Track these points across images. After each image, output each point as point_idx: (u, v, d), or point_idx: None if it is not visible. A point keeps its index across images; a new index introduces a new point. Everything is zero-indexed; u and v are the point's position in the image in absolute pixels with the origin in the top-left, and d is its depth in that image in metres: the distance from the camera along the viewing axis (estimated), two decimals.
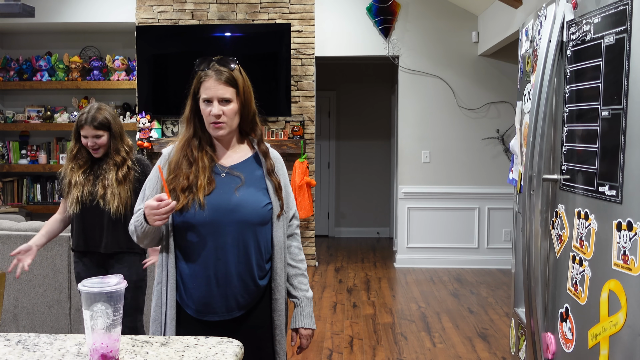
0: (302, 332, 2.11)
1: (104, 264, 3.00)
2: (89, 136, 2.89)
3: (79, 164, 2.95)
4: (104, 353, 1.49)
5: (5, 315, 3.85)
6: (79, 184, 2.91)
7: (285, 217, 2.08)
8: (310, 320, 2.11)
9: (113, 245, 2.96)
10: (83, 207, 2.92)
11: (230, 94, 1.93)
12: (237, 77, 1.95)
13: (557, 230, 2.00)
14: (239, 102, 1.96)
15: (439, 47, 6.56)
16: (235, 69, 1.95)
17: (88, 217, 2.95)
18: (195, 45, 6.28)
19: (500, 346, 4.18)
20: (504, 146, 6.54)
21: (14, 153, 6.84)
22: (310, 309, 2.12)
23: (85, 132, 2.88)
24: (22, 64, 6.74)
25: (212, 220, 1.93)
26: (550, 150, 2.07)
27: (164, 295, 1.99)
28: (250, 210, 1.96)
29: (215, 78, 1.92)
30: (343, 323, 4.69)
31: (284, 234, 2.08)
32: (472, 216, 6.63)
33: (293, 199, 2.16)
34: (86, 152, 2.95)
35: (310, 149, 6.40)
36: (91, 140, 2.89)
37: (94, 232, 2.95)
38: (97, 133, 2.88)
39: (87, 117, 2.88)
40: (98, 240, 2.96)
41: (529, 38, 2.36)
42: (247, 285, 1.98)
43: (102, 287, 1.49)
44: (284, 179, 2.10)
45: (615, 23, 1.64)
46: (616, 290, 1.61)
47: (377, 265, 6.78)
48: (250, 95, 1.99)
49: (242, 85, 1.95)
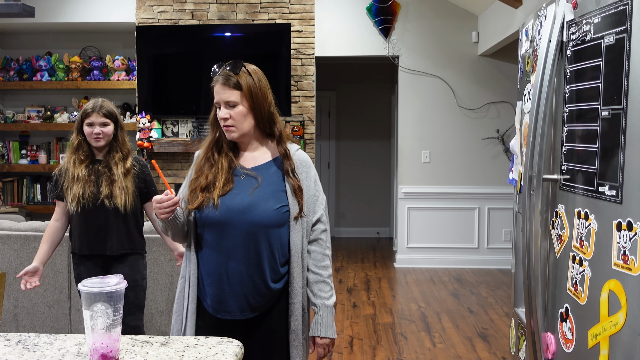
0: (319, 341, 2.06)
1: (106, 265, 2.96)
2: (95, 124, 2.85)
3: (80, 158, 2.90)
4: (104, 353, 1.49)
5: (5, 315, 3.85)
6: (81, 179, 2.85)
7: (306, 220, 2.05)
8: (328, 330, 2.04)
9: (118, 247, 2.93)
10: (84, 207, 2.86)
11: (235, 97, 1.96)
12: (243, 80, 1.97)
13: (557, 230, 2.00)
14: (248, 105, 1.98)
15: (439, 47, 6.56)
16: (240, 72, 1.97)
17: (91, 219, 2.89)
18: (195, 45, 6.27)
19: (500, 346, 4.18)
20: (504, 146, 6.54)
21: (14, 153, 6.84)
22: (329, 317, 2.05)
23: (92, 119, 2.85)
24: (22, 64, 6.74)
25: (223, 220, 1.98)
26: (550, 150, 2.07)
27: (186, 289, 2.05)
28: (262, 211, 1.98)
29: (220, 83, 1.98)
30: (343, 323, 4.69)
31: (303, 237, 2.05)
32: (472, 216, 6.63)
33: (321, 203, 2.09)
34: (87, 146, 2.91)
35: (310, 149, 6.40)
36: (98, 128, 2.85)
37: (99, 234, 2.90)
38: (104, 120, 2.86)
39: (95, 106, 2.87)
40: (102, 243, 2.91)
41: (529, 38, 2.36)
42: (258, 286, 2.00)
43: (102, 287, 1.49)
44: (308, 182, 2.06)
45: (615, 23, 1.64)
46: (616, 290, 1.61)
47: (377, 265, 6.78)
48: (261, 96, 2.00)
49: (247, 87, 1.97)
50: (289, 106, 6.21)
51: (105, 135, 2.88)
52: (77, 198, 2.85)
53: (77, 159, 2.89)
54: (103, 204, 2.86)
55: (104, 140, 2.88)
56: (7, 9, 4.42)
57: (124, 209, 2.88)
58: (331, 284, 2.07)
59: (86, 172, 2.87)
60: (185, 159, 6.38)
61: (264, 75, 2.04)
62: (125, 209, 2.88)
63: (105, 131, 2.88)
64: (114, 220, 2.90)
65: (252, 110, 1.99)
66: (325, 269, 2.07)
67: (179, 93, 6.27)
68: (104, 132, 2.87)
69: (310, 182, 2.07)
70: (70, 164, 2.90)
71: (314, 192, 2.08)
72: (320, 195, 2.10)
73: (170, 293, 3.77)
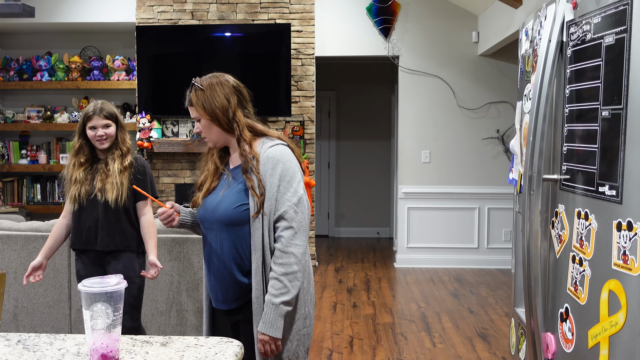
0: (259, 336, 2.04)
1: (101, 262, 3.02)
2: (98, 126, 2.93)
3: (80, 161, 2.98)
4: (104, 353, 1.49)
5: (5, 315, 3.85)
6: (78, 182, 2.95)
7: (267, 218, 2.05)
8: (269, 327, 2.01)
9: (108, 242, 2.97)
10: (80, 205, 2.97)
11: (195, 113, 2.14)
12: (194, 97, 2.12)
13: (557, 230, 2.00)
14: (207, 117, 2.11)
15: (439, 47, 6.56)
16: (193, 90, 2.13)
17: (85, 214, 2.98)
18: (195, 45, 6.28)
19: (500, 346, 4.18)
20: (504, 146, 6.55)
21: (14, 153, 6.84)
22: (274, 315, 2.01)
23: (94, 122, 2.93)
24: (22, 64, 6.74)
25: (202, 218, 2.19)
26: (550, 150, 2.07)
27: (204, 283, 2.29)
28: (223, 210, 2.11)
29: (186, 103, 2.18)
30: (343, 323, 4.69)
31: (265, 235, 2.05)
32: (472, 216, 6.63)
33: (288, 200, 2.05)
34: (89, 148, 2.99)
35: (310, 149, 6.40)
36: (101, 130, 2.93)
37: (89, 228, 2.98)
38: (106, 122, 2.95)
39: (95, 109, 2.95)
40: (93, 237, 2.98)
41: (529, 38, 2.36)
42: (226, 280, 2.14)
43: (102, 287, 1.49)
44: (272, 179, 2.05)
45: (615, 23, 1.64)
46: (616, 290, 1.61)
47: (377, 265, 6.78)
48: (217, 106, 2.10)
49: (199, 102, 2.11)
50: (289, 106, 6.21)
51: (109, 136, 2.96)
52: (73, 198, 2.97)
53: (77, 162, 2.98)
54: (96, 197, 2.94)
55: (107, 142, 2.96)
56: (7, 9, 4.41)
57: (114, 203, 2.92)
58: (285, 282, 2.02)
59: (84, 174, 2.97)
60: (185, 159, 6.38)
61: (223, 84, 2.12)
62: (116, 203, 2.92)
63: (108, 132, 2.95)
64: (104, 214, 2.95)
65: (213, 121, 2.11)
66: (280, 266, 2.03)
67: (179, 93, 6.18)
68: (107, 134, 2.95)
69: (274, 179, 2.05)
70: (70, 167, 3.00)
71: (277, 189, 2.05)
72: (289, 192, 2.05)
73: (170, 293, 3.77)
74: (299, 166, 2.14)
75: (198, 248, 3.76)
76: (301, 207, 2.06)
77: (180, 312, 3.80)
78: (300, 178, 2.11)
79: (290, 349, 2.11)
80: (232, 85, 2.13)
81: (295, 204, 2.05)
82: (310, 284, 2.17)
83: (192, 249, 3.77)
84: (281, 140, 2.15)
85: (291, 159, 2.10)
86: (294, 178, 2.07)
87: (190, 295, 3.80)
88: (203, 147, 2.30)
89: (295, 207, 2.05)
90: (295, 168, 2.09)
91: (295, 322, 2.11)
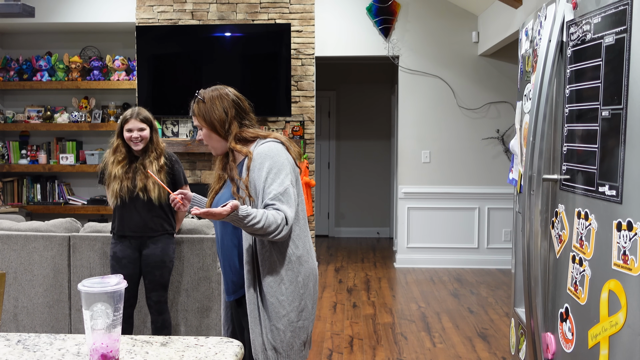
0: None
1: (140, 246, 3.42)
2: (134, 129, 3.31)
3: (118, 159, 3.35)
4: (104, 353, 1.49)
5: (5, 315, 3.85)
6: (117, 177, 3.32)
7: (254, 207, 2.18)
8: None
9: (150, 229, 3.38)
10: (123, 200, 3.34)
11: (197, 122, 2.31)
12: (195, 108, 2.29)
13: (557, 230, 2.00)
14: (207, 126, 2.27)
15: (439, 47, 6.56)
16: (195, 102, 2.29)
17: (129, 209, 3.36)
18: (195, 46, 6.27)
19: (500, 346, 4.18)
20: (504, 146, 6.55)
21: (14, 153, 6.84)
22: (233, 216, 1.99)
23: (130, 125, 3.31)
24: (22, 64, 6.74)
25: None
26: (550, 150, 2.07)
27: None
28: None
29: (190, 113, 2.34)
30: (343, 323, 4.69)
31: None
32: (472, 216, 6.63)
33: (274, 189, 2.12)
34: (125, 148, 3.36)
35: (310, 149, 6.40)
36: (136, 133, 3.30)
37: (134, 221, 3.37)
38: (141, 125, 3.32)
39: (133, 113, 3.34)
40: (138, 227, 3.37)
41: (529, 38, 2.36)
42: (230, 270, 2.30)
43: (102, 287, 1.49)
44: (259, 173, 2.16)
45: (615, 23, 1.64)
46: (616, 290, 1.61)
47: (377, 265, 6.78)
48: (215, 116, 2.25)
49: (199, 113, 2.27)
50: (289, 106, 6.21)
51: (143, 138, 3.33)
52: (115, 193, 3.33)
53: (115, 160, 3.36)
54: (138, 196, 3.32)
55: (142, 143, 3.33)
56: (7, 9, 4.41)
57: (157, 201, 3.34)
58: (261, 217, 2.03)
59: (123, 170, 3.33)
60: (185, 159, 6.38)
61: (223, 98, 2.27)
62: (159, 201, 3.34)
63: (143, 135, 3.33)
64: (148, 210, 3.35)
65: (212, 130, 2.27)
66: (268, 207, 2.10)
67: (179, 93, 6.26)
68: (141, 136, 3.32)
69: (262, 173, 2.16)
70: (109, 163, 3.38)
71: (264, 181, 2.15)
72: (275, 183, 2.12)
73: (170, 293, 3.77)
74: (290, 160, 2.23)
75: (198, 248, 3.77)
76: (287, 196, 2.13)
77: (181, 312, 3.81)
78: (290, 171, 2.18)
79: (284, 339, 2.18)
80: (231, 99, 2.28)
81: (281, 193, 2.12)
82: (308, 278, 2.25)
83: (192, 249, 3.77)
84: (275, 138, 2.28)
85: (280, 153, 2.20)
86: (281, 170, 2.16)
87: (190, 295, 3.80)
88: (203, 147, 2.41)
89: (281, 196, 2.12)
90: (283, 162, 2.17)
91: (289, 313, 2.19)
